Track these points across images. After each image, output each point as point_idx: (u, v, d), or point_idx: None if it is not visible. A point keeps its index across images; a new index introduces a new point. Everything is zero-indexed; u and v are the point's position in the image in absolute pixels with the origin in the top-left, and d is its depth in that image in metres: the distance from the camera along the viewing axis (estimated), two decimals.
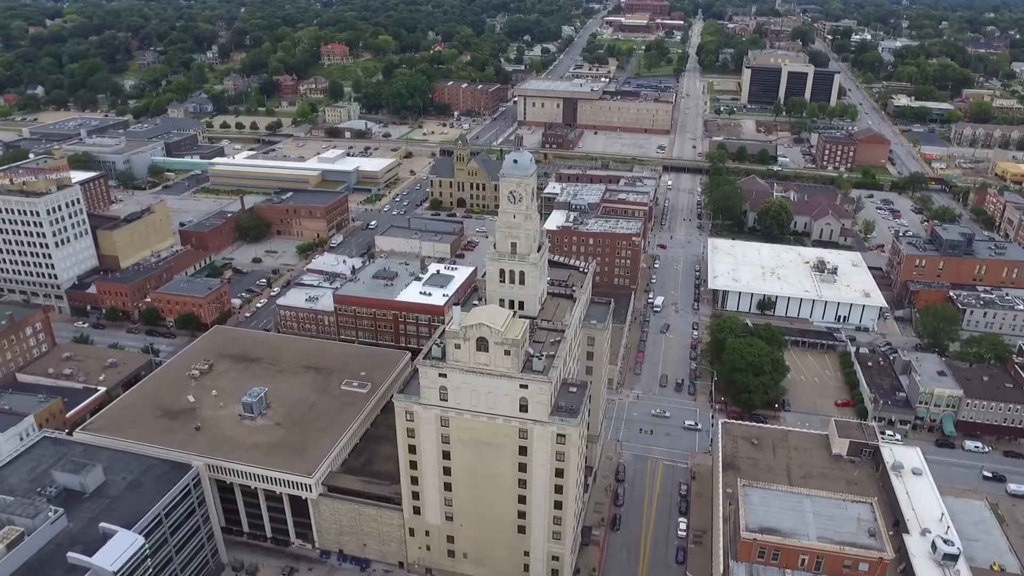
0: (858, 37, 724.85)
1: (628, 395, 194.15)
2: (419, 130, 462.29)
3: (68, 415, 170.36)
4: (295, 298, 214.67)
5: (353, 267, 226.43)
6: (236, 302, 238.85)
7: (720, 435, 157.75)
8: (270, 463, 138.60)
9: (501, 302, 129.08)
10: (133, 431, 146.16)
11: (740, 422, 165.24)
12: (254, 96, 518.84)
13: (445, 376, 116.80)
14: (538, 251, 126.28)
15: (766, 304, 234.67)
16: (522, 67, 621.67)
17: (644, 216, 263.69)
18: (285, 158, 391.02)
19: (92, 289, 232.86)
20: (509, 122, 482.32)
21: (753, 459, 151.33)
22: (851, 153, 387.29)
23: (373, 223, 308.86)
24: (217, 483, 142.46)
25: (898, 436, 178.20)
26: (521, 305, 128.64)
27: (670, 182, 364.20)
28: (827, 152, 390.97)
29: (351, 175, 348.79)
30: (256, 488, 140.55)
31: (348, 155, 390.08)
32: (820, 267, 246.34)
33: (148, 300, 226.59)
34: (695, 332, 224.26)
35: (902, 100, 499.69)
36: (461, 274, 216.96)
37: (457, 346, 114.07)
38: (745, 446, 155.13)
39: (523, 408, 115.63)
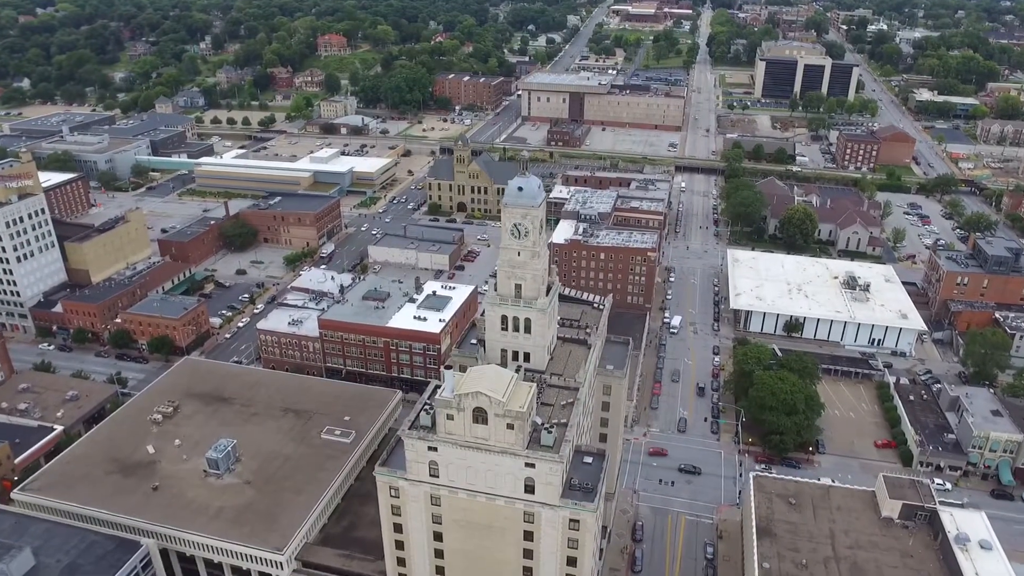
0: (874, 27, 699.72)
1: (645, 434, 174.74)
2: (418, 126, 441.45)
3: (17, 460, 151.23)
4: (277, 321, 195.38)
5: (341, 285, 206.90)
6: (215, 321, 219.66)
7: (752, 491, 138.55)
8: (235, 534, 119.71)
9: (503, 353, 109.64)
10: (81, 491, 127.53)
11: (774, 475, 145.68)
12: (247, 90, 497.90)
13: (436, 450, 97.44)
14: (547, 294, 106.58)
15: (793, 326, 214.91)
16: (526, 58, 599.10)
17: (659, 226, 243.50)
18: (276, 157, 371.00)
19: (59, 307, 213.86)
20: (513, 117, 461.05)
21: (791, 523, 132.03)
22: (874, 152, 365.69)
23: (375, 231, 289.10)
24: (178, 553, 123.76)
25: (948, 485, 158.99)
26: (526, 357, 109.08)
27: (683, 184, 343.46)
28: (849, 151, 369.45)
29: (345, 176, 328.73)
30: (221, 562, 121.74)
31: (343, 154, 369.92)
32: (851, 283, 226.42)
33: (118, 321, 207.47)
34: (716, 358, 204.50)
35: (924, 94, 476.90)
36: (459, 294, 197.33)
37: (450, 417, 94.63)
38: (781, 506, 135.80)
39: (529, 489, 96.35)
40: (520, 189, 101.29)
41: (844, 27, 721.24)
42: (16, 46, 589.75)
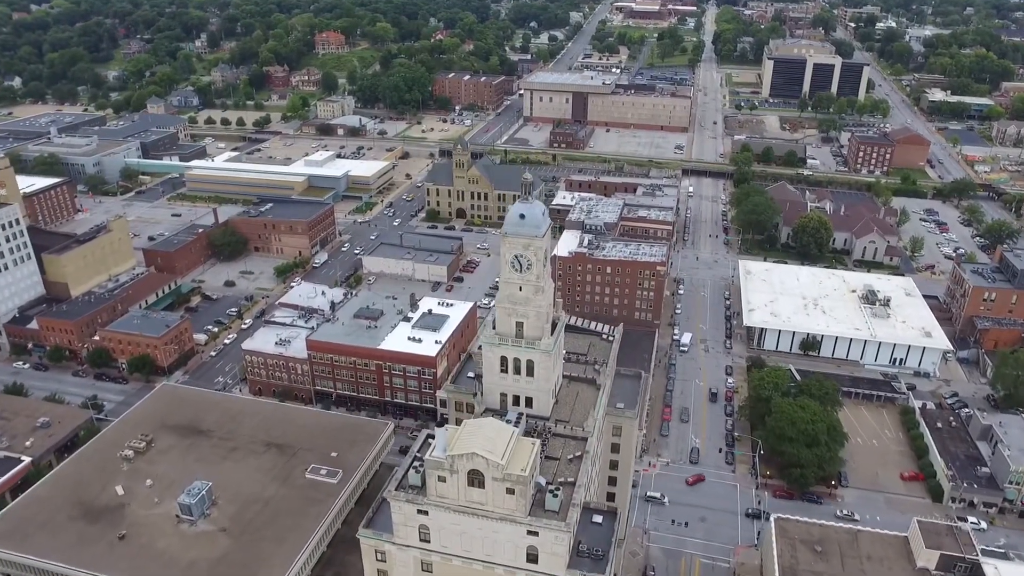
0: (883, 25, 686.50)
1: (655, 464, 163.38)
2: (417, 126, 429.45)
3: None
4: (263, 340, 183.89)
5: (332, 302, 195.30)
6: (200, 338, 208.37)
7: (774, 536, 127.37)
8: None
9: (502, 397, 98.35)
10: (39, 541, 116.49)
11: (797, 518, 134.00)
12: (243, 89, 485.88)
13: (426, 514, 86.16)
14: (552, 333, 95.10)
15: (809, 344, 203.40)
16: (528, 56, 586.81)
17: (668, 236, 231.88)
18: (270, 160, 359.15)
19: (35, 324, 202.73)
20: (514, 117, 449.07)
21: (817, 574, 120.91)
22: (888, 155, 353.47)
23: (374, 234, 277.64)
24: None
25: (983, 524, 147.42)
26: (528, 402, 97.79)
27: (691, 188, 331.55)
28: (861, 154, 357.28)
29: (340, 181, 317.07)
30: None
31: (339, 156, 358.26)
32: (870, 298, 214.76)
33: (96, 339, 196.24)
34: (730, 379, 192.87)
35: (936, 94, 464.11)
36: (457, 312, 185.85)
37: (442, 479, 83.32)
38: (806, 554, 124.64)
39: (532, 559, 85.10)
40: (522, 217, 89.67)
41: (852, 25, 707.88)
42: (8, 43, 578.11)
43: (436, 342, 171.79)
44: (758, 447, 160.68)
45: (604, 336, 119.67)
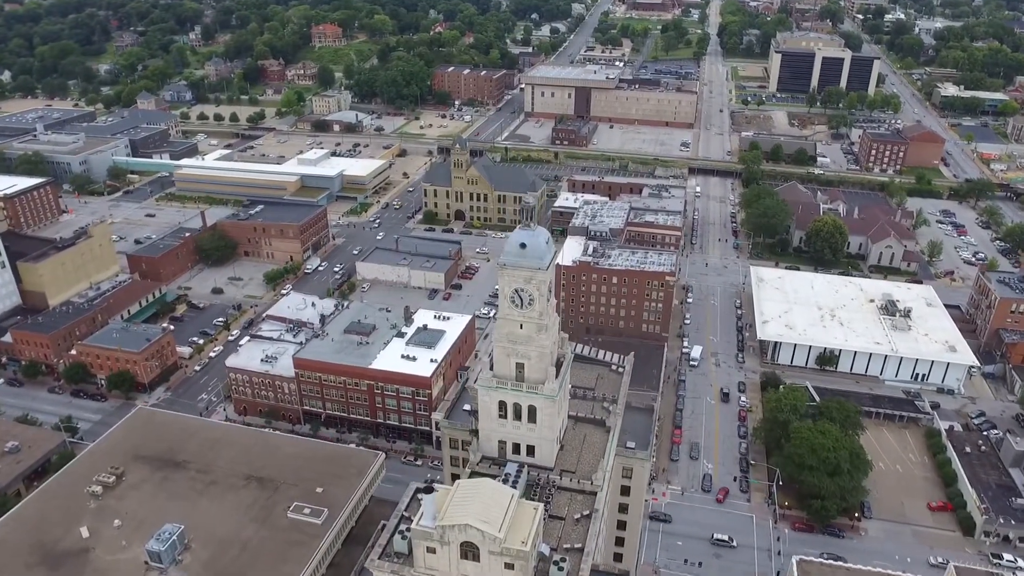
0: (891, 16, 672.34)
1: (664, 492, 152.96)
2: (415, 122, 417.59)
3: None
4: (248, 357, 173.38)
5: (322, 315, 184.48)
6: (184, 351, 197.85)
7: None
8: None
9: (500, 445, 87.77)
10: None
11: (821, 560, 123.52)
12: (236, 83, 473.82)
13: None
14: (557, 375, 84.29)
15: (827, 359, 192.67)
16: (529, 49, 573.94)
17: (677, 243, 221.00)
18: (263, 158, 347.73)
19: (9, 337, 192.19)
20: (515, 113, 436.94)
21: None
22: (901, 153, 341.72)
23: (378, 235, 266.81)
24: None
25: (1021, 561, 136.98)
26: (530, 450, 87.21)
27: (698, 188, 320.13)
28: (874, 152, 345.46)
29: (334, 181, 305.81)
30: None
31: (335, 154, 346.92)
32: (889, 309, 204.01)
33: (73, 353, 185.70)
34: (743, 397, 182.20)
35: (949, 89, 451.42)
36: (454, 327, 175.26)
37: (431, 550, 72.73)
38: None
39: None
40: (523, 246, 78.68)
41: (859, 16, 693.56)
42: None
43: (431, 360, 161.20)
44: (776, 476, 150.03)
45: (614, 367, 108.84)
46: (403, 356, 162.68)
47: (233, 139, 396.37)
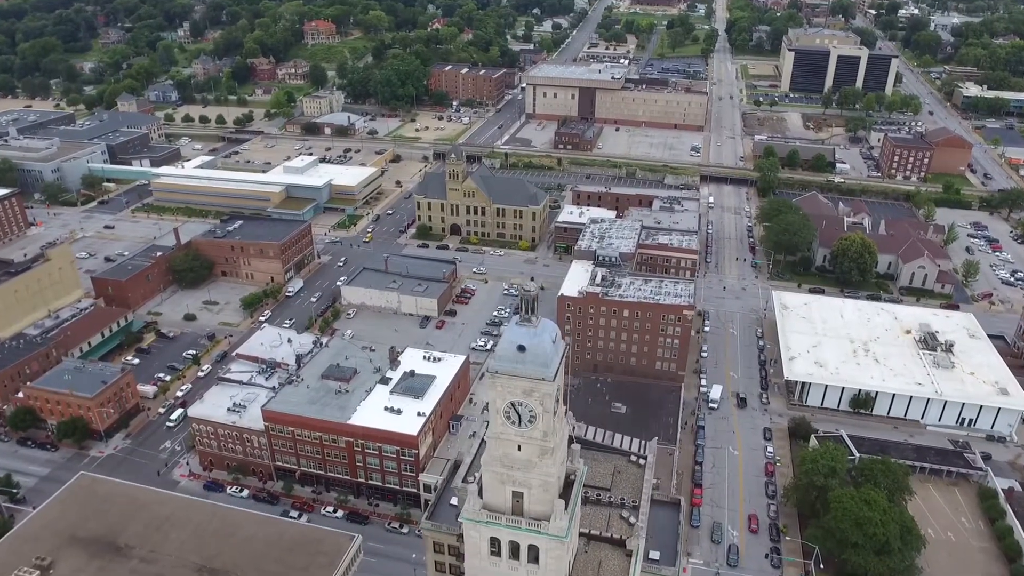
0: (906, 11, 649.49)
1: (685, 568, 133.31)
2: (411, 124, 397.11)
3: None
4: (214, 405, 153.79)
5: (298, 355, 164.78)
6: (148, 390, 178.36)
7: None
8: None
9: None
10: None
11: None
12: (224, 83, 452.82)
13: None
14: (567, 507, 64.52)
15: (861, 401, 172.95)
16: (531, 46, 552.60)
17: (693, 267, 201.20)
18: (248, 164, 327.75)
19: None
20: (516, 114, 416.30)
21: None
22: (926, 160, 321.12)
23: (378, 246, 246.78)
24: None
25: None
26: None
27: (711, 198, 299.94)
28: (897, 158, 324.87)
29: (322, 191, 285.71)
30: None
31: (324, 160, 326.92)
32: (929, 342, 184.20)
33: (20, 396, 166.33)
34: (769, 448, 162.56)
35: (971, 89, 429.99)
36: (445, 371, 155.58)
37: None
38: None
39: None
40: (521, 349, 58.86)
41: (872, 12, 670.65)
42: None
43: (419, 414, 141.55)
44: (815, 555, 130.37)
45: (633, 457, 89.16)
46: (387, 408, 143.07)
47: (219, 143, 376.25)
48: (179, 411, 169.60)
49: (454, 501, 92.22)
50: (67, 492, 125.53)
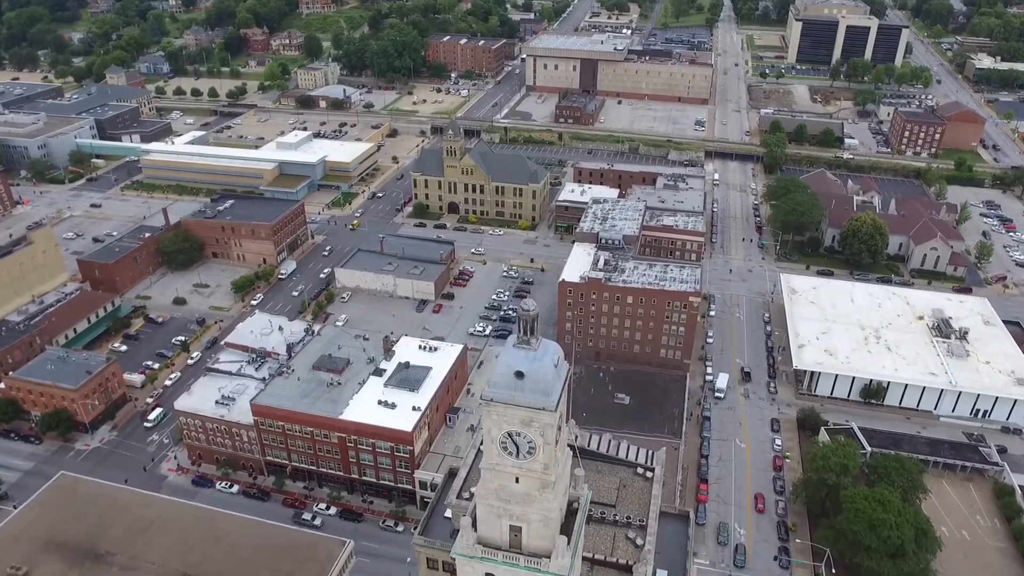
0: None
1: (692, 572, 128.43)
2: (408, 97, 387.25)
3: None
4: (201, 398, 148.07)
5: (288, 344, 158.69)
6: (136, 379, 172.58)
7: None
8: None
9: None
10: None
11: None
12: (217, 54, 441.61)
13: None
14: (570, 542, 58.65)
15: (873, 391, 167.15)
16: (531, 15, 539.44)
17: (699, 250, 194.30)
18: (241, 139, 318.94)
19: None
20: (516, 86, 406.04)
21: None
22: (938, 135, 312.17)
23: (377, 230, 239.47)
24: None
25: None
26: None
27: (716, 175, 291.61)
28: (907, 133, 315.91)
29: (316, 168, 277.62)
30: None
31: (318, 135, 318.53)
32: (943, 329, 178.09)
33: (1, 387, 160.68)
34: (777, 440, 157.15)
35: (984, 61, 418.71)
36: (441, 361, 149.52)
37: None
38: None
39: None
40: (519, 376, 52.42)
41: None
42: None
43: (414, 408, 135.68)
44: (826, 558, 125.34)
45: (639, 470, 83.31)
46: (380, 402, 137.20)
47: (211, 117, 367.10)
48: (157, 411, 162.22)
49: (447, 513, 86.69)
50: (46, 494, 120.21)
